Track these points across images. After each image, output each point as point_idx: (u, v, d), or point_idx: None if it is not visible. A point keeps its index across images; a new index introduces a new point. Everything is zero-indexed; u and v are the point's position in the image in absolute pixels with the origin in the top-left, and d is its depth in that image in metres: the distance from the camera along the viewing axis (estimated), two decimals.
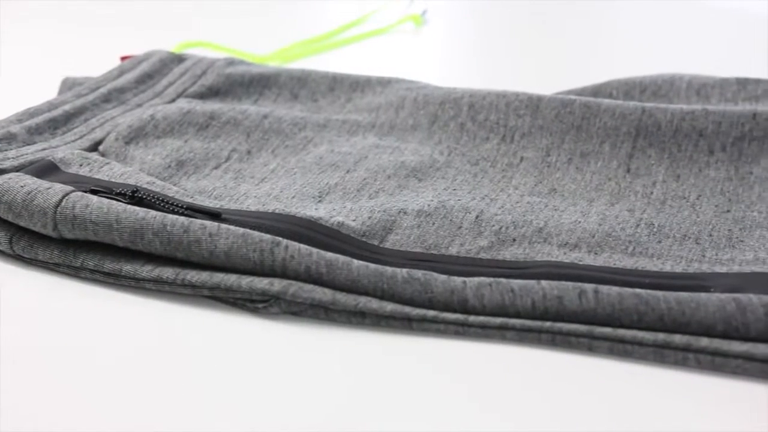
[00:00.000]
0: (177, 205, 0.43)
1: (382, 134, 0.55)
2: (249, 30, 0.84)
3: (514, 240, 0.44)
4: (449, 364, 0.37)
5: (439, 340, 0.38)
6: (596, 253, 0.43)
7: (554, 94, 0.56)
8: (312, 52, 0.76)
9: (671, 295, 0.37)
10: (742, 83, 0.55)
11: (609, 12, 0.95)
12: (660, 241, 0.44)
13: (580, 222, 0.45)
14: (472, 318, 0.38)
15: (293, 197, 0.47)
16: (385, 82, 0.60)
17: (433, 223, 0.45)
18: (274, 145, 0.53)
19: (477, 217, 0.45)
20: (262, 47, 0.75)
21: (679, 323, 0.37)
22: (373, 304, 0.39)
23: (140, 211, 0.41)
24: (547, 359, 0.37)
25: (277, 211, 0.44)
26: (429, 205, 0.46)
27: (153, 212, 0.41)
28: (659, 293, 0.38)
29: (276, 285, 0.39)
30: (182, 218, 0.41)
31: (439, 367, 0.37)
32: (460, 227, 0.45)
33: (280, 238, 0.40)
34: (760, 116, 0.50)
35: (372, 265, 0.40)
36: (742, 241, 0.44)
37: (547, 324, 0.38)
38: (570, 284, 0.39)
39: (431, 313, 0.39)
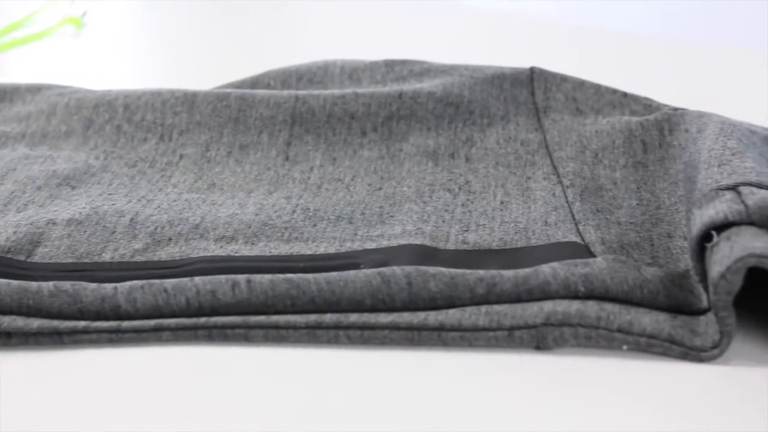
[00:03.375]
0: None
1: (33, 144, 0.53)
2: None
3: (170, 239, 0.43)
4: (103, 375, 0.36)
5: (92, 351, 0.37)
6: (253, 243, 0.43)
7: (211, 89, 0.56)
8: None
9: (321, 277, 0.38)
10: (390, 65, 0.58)
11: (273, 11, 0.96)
12: (315, 225, 0.45)
13: (237, 214, 0.45)
14: (125, 324, 0.38)
15: None
16: (35, 90, 0.57)
17: (85, 231, 0.43)
18: None
19: (131, 219, 0.44)
20: None
21: (331, 303, 0.38)
22: (19, 322, 0.37)
23: None
24: (206, 354, 0.37)
25: None
26: (81, 213, 0.44)
27: None
28: (310, 276, 0.38)
29: None
30: None
31: (93, 380, 0.36)
32: (114, 232, 0.43)
33: None
34: (406, 95, 0.53)
35: (15, 282, 0.38)
36: (392, 216, 0.46)
37: (203, 320, 0.38)
38: (223, 277, 0.38)
39: (82, 324, 0.37)
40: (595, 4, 0.89)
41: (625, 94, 0.53)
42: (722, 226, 0.37)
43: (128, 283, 0.38)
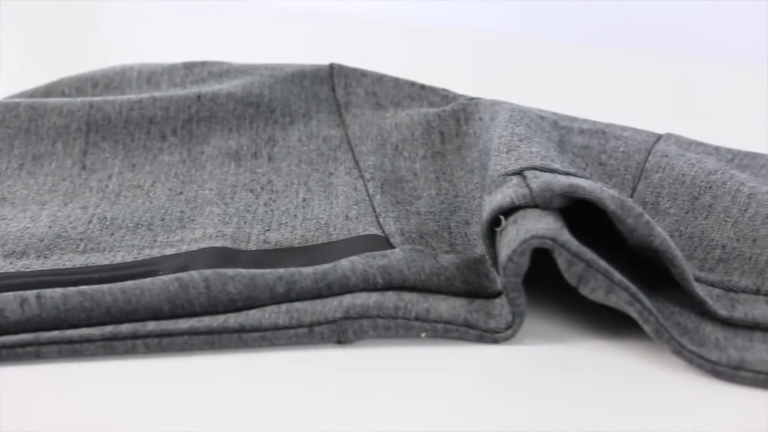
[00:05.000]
0: None
1: None
2: None
3: None
4: None
5: None
6: (45, 257, 0.42)
7: (2, 99, 0.54)
8: None
9: (117, 287, 0.37)
10: (189, 67, 0.57)
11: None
12: (113, 234, 0.44)
13: (29, 228, 0.44)
14: None
15: None
16: None
17: None
18: None
19: None
20: None
21: (127, 312, 0.37)
22: None
23: None
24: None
25: None
26: None
27: None
28: (105, 287, 0.37)
29: None
30: None
31: None
32: None
33: None
34: (205, 97, 0.52)
35: None
36: (193, 220, 0.45)
37: None
38: (11, 294, 0.37)
39: None
40: None
41: (423, 86, 0.54)
42: (509, 210, 0.38)
43: None
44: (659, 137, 0.48)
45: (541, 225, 0.36)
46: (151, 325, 0.37)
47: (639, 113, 0.51)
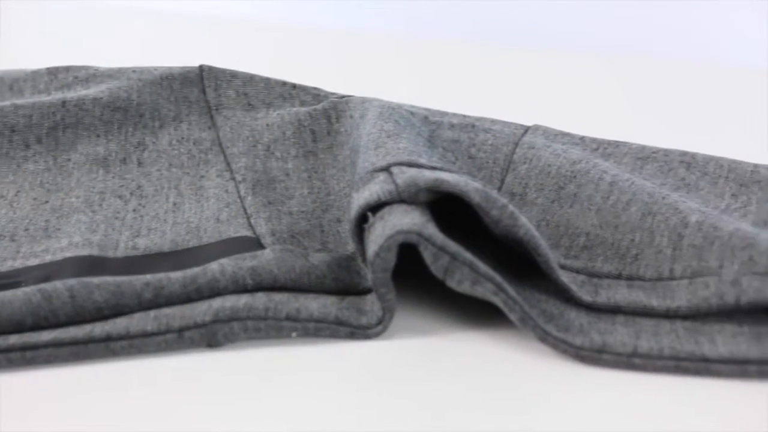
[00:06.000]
0: None
1: None
2: None
3: None
4: None
5: None
6: None
7: None
8: None
9: None
10: (53, 72, 0.55)
11: None
12: None
13: None
14: None
15: None
16: None
17: None
18: None
19: None
20: None
21: None
22: None
23: None
24: None
25: None
26: None
27: None
28: None
29: None
30: None
31: None
32: None
33: None
34: (70, 103, 0.51)
35: None
36: (59, 229, 0.44)
37: None
38: None
39: None
40: None
41: (294, 86, 0.54)
42: (377, 207, 0.38)
43: None
44: (527, 129, 0.49)
45: (407, 220, 0.36)
46: (13, 339, 0.36)
47: (502, 109, 0.51)
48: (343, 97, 0.52)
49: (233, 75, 0.55)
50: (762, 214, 0.43)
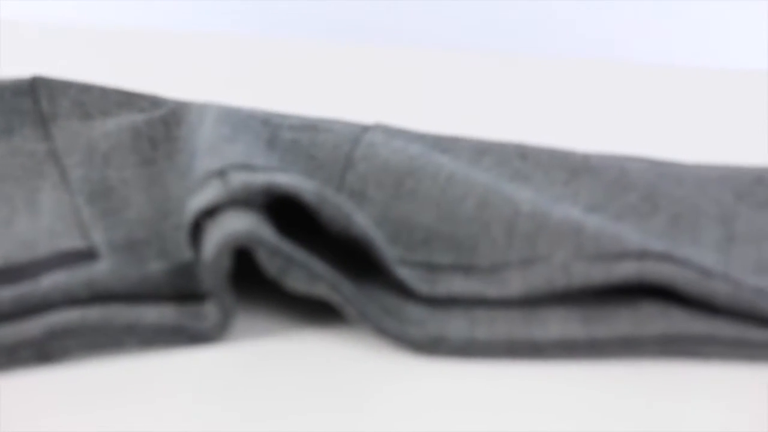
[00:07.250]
0: None
1: None
2: None
3: None
4: None
5: None
6: None
7: None
8: None
9: None
10: None
11: None
12: None
13: None
14: None
15: None
16: None
17: None
18: None
19: None
20: None
21: None
22: None
23: None
24: None
25: None
26: None
27: None
28: None
29: None
30: None
31: None
32: None
33: None
34: None
35: None
36: None
37: None
38: None
39: None
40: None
41: (131, 93, 0.53)
42: (211, 211, 0.38)
43: None
44: (367, 128, 0.50)
45: (240, 223, 0.36)
46: None
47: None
48: (181, 103, 0.51)
49: (68, 84, 0.53)
50: (591, 200, 0.45)
